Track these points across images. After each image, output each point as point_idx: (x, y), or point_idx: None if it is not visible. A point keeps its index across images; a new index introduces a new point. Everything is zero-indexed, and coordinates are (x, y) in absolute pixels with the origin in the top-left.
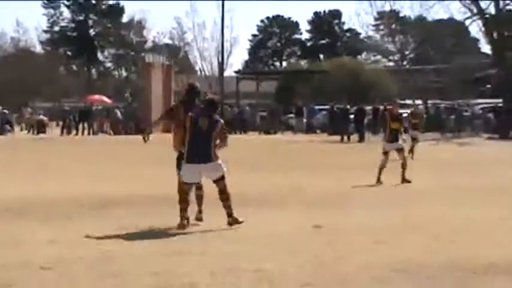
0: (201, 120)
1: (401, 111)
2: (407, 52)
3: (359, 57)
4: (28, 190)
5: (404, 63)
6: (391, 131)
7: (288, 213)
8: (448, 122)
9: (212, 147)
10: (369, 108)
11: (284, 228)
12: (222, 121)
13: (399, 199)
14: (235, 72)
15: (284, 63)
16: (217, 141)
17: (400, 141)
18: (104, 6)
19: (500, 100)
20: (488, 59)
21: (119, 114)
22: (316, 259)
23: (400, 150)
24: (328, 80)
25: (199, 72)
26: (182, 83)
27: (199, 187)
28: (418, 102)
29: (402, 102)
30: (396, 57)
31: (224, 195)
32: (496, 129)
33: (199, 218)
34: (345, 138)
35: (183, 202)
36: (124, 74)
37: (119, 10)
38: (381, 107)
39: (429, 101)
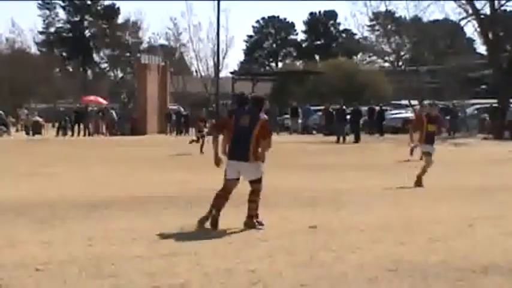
0: (243, 118)
1: (396, 111)
2: (402, 53)
3: (354, 58)
4: (23, 191)
5: (400, 63)
6: (428, 134)
7: (284, 213)
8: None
9: (252, 147)
10: (364, 108)
11: (280, 228)
12: (264, 117)
13: (396, 199)
14: (231, 73)
15: (280, 64)
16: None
17: (435, 145)
18: (99, 7)
19: (496, 101)
20: (483, 60)
21: (114, 115)
22: (312, 259)
23: (428, 154)
24: (323, 80)
25: (195, 73)
26: (178, 84)
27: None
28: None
29: (397, 102)
30: (391, 58)
31: (253, 196)
32: (490, 129)
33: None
34: (341, 139)
35: (215, 199)
36: (120, 75)
37: (114, 11)
38: (377, 108)
39: (424, 102)
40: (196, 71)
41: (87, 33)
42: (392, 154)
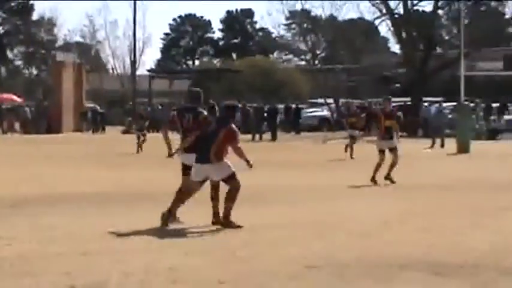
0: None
1: (312, 109)
2: (318, 51)
3: (271, 56)
4: None
5: (316, 62)
6: (385, 129)
7: (204, 211)
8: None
9: (213, 150)
10: (281, 107)
11: (200, 226)
12: (231, 126)
13: (316, 196)
14: (148, 70)
15: (197, 62)
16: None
17: (394, 140)
18: (13, 4)
19: (409, 98)
20: (397, 58)
21: (28, 113)
22: (232, 256)
23: (393, 149)
24: (240, 79)
25: (111, 71)
26: (94, 81)
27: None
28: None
29: (314, 101)
30: (308, 56)
31: (230, 194)
32: (405, 127)
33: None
34: (257, 137)
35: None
36: (35, 72)
37: (28, 8)
38: (293, 106)
39: (340, 100)
40: (112, 69)
41: (0, 30)
42: (309, 151)
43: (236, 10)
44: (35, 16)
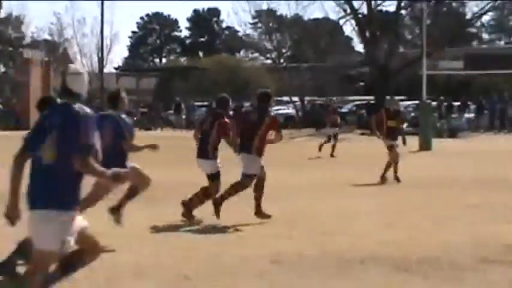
0: (206, 122)
1: (278, 107)
2: (284, 50)
3: (237, 54)
4: None
5: (281, 61)
6: (388, 129)
7: (171, 208)
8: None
9: (209, 145)
10: (247, 104)
11: (161, 222)
12: (223, 119)
13: (281, 194)
14: (115, 68)
15: (164, 60)
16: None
17: (398, 141)
18: None
19: (373, 97)
20: (361, 57)
21: None
22: (195, 252)
23: (392, 148)
24: (207, 76)
25: None
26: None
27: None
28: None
29: (279, 99)
30: (273, 55)
31: (203, 192)
32: (368, 125)
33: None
34: None
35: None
36: (2, 69)
37: None
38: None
39: (305, 98)
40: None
41: None
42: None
43: (203, 9)
44: (2, 14)
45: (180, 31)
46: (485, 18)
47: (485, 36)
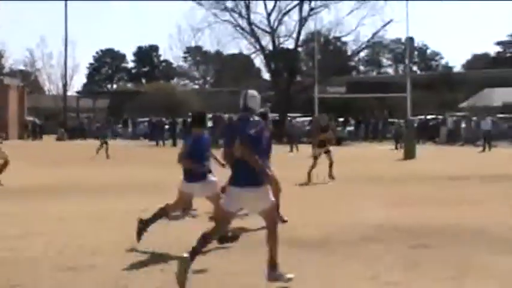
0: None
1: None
2: (208, 78)
3: (172, 81)
4: None
5: (207, 86)
6: (320, 141)
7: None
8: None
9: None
10: (180, 120)
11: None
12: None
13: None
14: (77, 92)
15: (115, 86)
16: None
17: (327, 147)
18: None
19: (277, 114)
20: (268, 83)
21: None
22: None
23: (328, 152)
24: (148, 99)
25: (47, 92)
26: (34, 100)
27: None
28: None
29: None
30: (200, 81)
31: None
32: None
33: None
34: (160, 143)
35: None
36: None
37: None
38: (189, 120)
39: (226, 115)
40: (48, 90)
41: None
42: None
43: (145, 46)
44: None
45: (127, 63)
46: (362, 54)
47: (361, 68)
